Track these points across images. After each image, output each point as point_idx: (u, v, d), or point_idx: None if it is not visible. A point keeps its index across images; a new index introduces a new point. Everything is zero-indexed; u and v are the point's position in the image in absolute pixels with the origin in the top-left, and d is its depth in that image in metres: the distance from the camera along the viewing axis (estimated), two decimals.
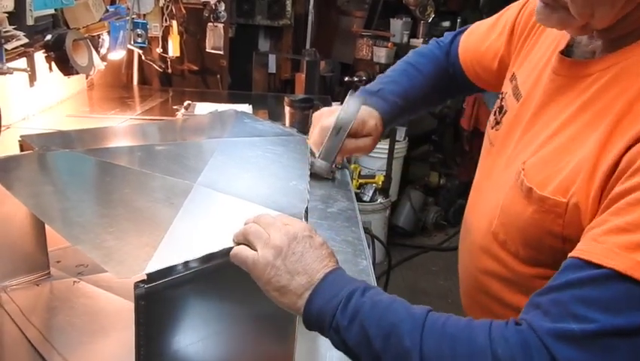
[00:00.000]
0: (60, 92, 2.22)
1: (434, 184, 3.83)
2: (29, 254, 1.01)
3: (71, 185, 0.93)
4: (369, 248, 1.33)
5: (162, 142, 1.15)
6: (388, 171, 3.32)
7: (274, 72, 3.33)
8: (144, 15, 2.36)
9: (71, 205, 0.83)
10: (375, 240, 2.49)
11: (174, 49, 2.58)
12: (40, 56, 1.66)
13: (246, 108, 2.20)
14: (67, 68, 1.66)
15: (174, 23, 2.55)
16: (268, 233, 0.69)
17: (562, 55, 0.78)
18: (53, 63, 1.65)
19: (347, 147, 0.95)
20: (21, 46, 1.44)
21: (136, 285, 0.65)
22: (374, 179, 3.29)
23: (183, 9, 2.60)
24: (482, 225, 0.86)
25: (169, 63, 2.66)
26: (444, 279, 3.29)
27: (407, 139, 3.52)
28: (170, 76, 2.76)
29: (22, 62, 1.57)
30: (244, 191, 0.91)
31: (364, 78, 3.35)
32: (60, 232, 0.75)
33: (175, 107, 2.27)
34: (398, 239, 3.58)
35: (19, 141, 1.04)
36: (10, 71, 1.42)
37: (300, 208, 0.84)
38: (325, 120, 0.97)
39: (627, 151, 0.60)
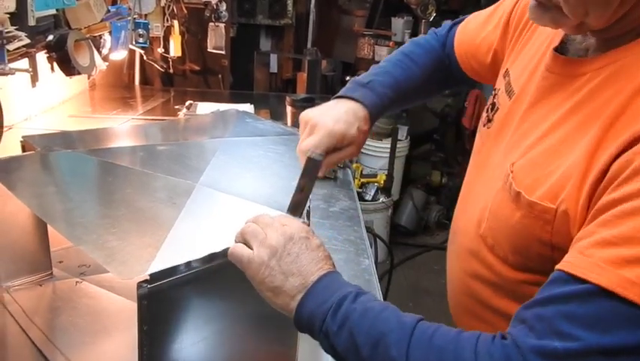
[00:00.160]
0: (62, 92, 2.23)
1: (436, 183, 3.83)
2: (32, 254, 1.01)
3: (73, 185, 0.93)
4: (371, 247, 1.33)
5: (164, 142, 1.15)
6: (390, 171, 3.31)
7: (276, 72, 3.33)
8: (145, 15, 2.36)
9: (73, 206, 0.83)
10: (377, 239, 2.49)
11: (176, 49, 2.59)
12: (42, 57, 1.66)
13: (248, 108, 2.20)
14: (69, 69, 1.66)
15: (176, 23, 2.55)
16: (265, 233, 0.69)
17: (555, 52, 0.74)
18: (55, 63, 1.66)
19: (331, 161, 0.89)
20: (23, 46, 1.45)
21: (139, 285, 0.65)
22: (376, 178, 3.29)
23: (184, 9, 2.60)
24: (471, 227, 0.83)
25: (170, 63, 2.67)
26: (446, 278, 3.28)
27: (409, 138, 3.52)
28: (171, 76, 2.77)
29: (24, 63, 1.57)
30: (246, 191, 0.91)
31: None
32: (62, 233, 0.75)
33: (177, 107, 2.27)
34: (400, 238, 3.58)
35: (21, 142, 1.04)
36: (12, 72, 1.42)
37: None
38: (304, 142, 0.87)
39: (616, 158, 0.57)
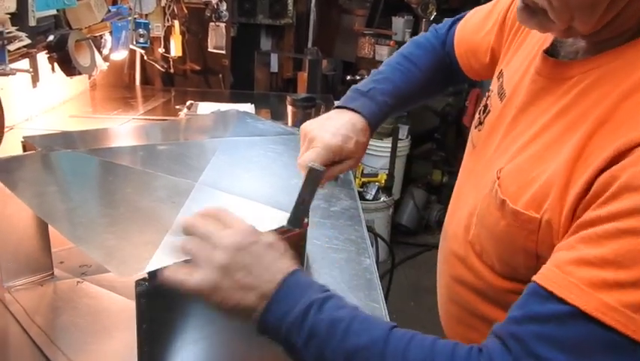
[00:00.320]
0: (63, 92, 2.23)
1: (437, 182, 3.83)
2: (33, 255, 1.02)
3: (74, 185, 0.93)
4: (372, 247, 1.33)
5: (164, 142, 1.15)
6: (391, 170, 3.31)
7: (276, 71, 3.33)
8: (146, 15, 2.37)
9: (74, 205, 0.83)
10: (378, 238, 2.49)
11: (176, 49, 2.59)
12: (42, 57, 1.66)
13: (249, 108, 2.20)
14: (69, 69, 1.67)
15: (176, 23, 2.55)
16: (210, 248, 0.64)
17: (546, 54, 0.72)
18: (56, 64, 1.66)
19: (330, 174, 0.88)
20: (23, 47, 1.45)
21: (137, 283, 0.65)
22: (377, 177, 3.29)
23: (185, 9, 2.60)
24: (459, 232, 0.81)
25: (171, 63, 2.67)
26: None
27: (410, 137, 3.52)
28: (172, 76, 2.77)
29: (24, 63, 1.57)
30: (245, 190, 0.91)
31: (366, 77, 3.34)
32: (62, 232, 0.75)
33: (177, 107, 2.27)
34: (401, 237, 3.57)
35: (22, 142, 1.04)
36: (12, 72, 1.42)
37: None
38: (302, 156, 0.86)
39: (601, 173, 0.55)
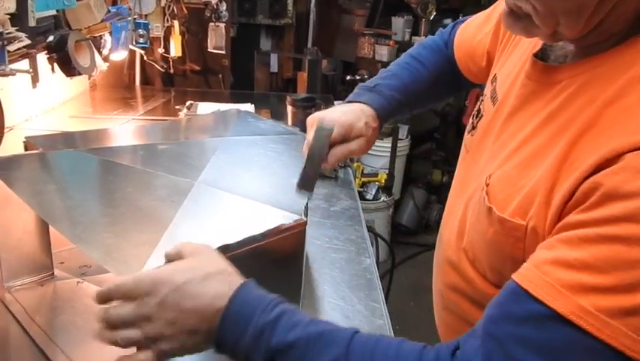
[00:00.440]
0: (63, 93, 2.23)
1: (437, 182, 3.83)
2: (33, 255, 1.02)
3: (74, 184, 0.93)
4: (372, 247, 1.33)
5: (164, 141, 1.15)
6: (391, 170, 3.32)
7: (276, 71, 3.33)
8: (146, 15, 2.37)
9: (74, 204, 0.83)
10: (378, 238, 2.49)
11: (176, 49, 2.59)
12: (42, 58, 1.66)
13: (249, 108, 2.19)
14: (69, 69, 1.67)
15: (176, 23, 2.55)
16: (137, 330, 0.61)
17: (535, 58, 0.70)
18: (56, 64, 1.66)
19: (338, 154, 0.88)
20: (23, 47, 1.45)
21: None
22: (377, 177, 3.29)
23: (185, 9, 2.60)
24: (453, 239, 0.80)
25: (171, 63, 2.67)
26: None
27: (410, 137, 3.52)
28: (172, 76, 2.77)
29: (24, 64, 1.57)
30: (246, 189, 0.91)
31: (366, 76, 3.35)
32: (62, 231, 0.75)
33: (177, 107, 2.27)
34: (401, 237, 3.57)
35: (24, 142, 1.05)
36: (12, 73, 1.42)
37: (301, 205, 0.84)
38: (310, 135, 0.88)
39: (585, 180, 0.54)
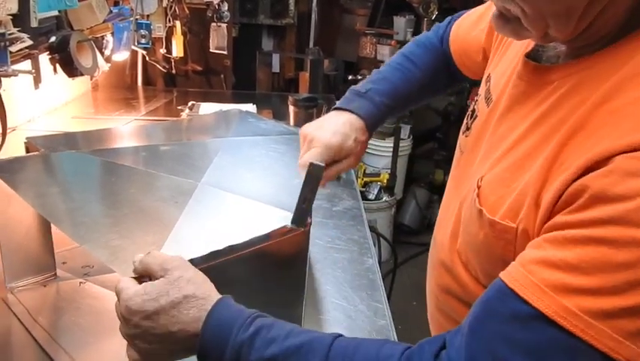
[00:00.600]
0: (65, 93, 2.23)
1: (439, 182, 3.82)
2: (36, 256, 1.02)
3: (77, 185, 0.93)
4: (374, 246, 1.33)
5: (166, 142, 1.15)
6: (393, 170, 3.31)
7: (278, 71, 3.34)
8: (148, 16, 2.37)
9: (77, 205, 0.83)
10: (380, 238, 2.49)
11: (178, 49, 2.59)
12: (44, 58, 1.66)
13: (250, 108, 2.19)
14: (71, 70, 1.67)
15: (178, 24, 2.55)
16: (131, 338, 0.65)
17: (528, 58, 0.69)
18: (58, 65, 1.66)
19: (330, 174, 0.88)
20: (25, 48, 1.45)
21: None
22: (379, 177, 3.29)
23: (187, 9, 2.60)
24: (446, 241, 0.79)
25: (173, 64, 2.67)
26: None
27: (412, 137, 3.52)
28: (174, 76, 2.77)
29: (26, 64, 1.57)
30: (248, 189, 0.91)
31: (368, 76, 3.35)
32: (66, 232, 0.75)
33: (179, 107, 2.27)
34: (404, 237, 3.57)
35: (25, 143, 1.05)
36: (14, 74, 1.42)
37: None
38: (303, 156, 0.87)
39: (574, 182, 0.53)
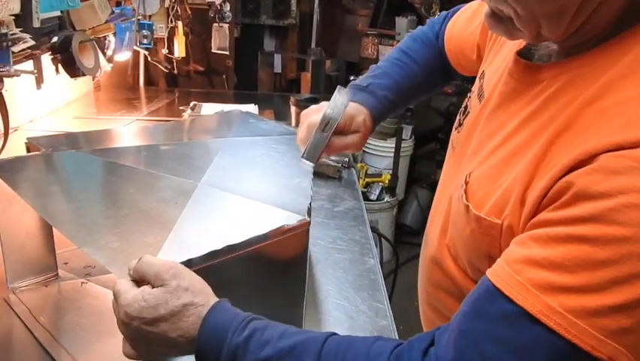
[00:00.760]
0: (67, 93, 2.24)
1: None
2: (37, 256, 1.02)
3: (77, 185, 0.93)
4: (376, 247, 1.33)
5: (167, 142, 1.15)
6: (395, 170, 3.31)
7: (280, 72, 3.34)
8: (150, 16, 2.37)
9: (77, 206, 0.83)
10: (382, 239, 2.49)
11: (180, 50, 2.59)
12: (46, 58, 1.66)
13: (252, 108, 2.19)
14: (73, 70, 1.67)
15: (180, 24, 2.56)
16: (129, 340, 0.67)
17: (519, 56, 0.70)
18: (60, 65, 1.66)
19: (335, 145, 0.88)
20: (27, 48, 1.45)
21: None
22: (381, 178, 3.29)
23: (188, 10, 2.60)
24: (437, 236, 0.80)
25: (175, 64, 2.67)
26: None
27: (413, 137, 3.51)
28: (176, 77, 2.77)
29: (28, 65, 1.57)
30: (249, 190, 0.91)
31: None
32: (66, 234, 0.75)
33: (181, 107, 2.27)
34: (405, 238, 3.57)
35: (25, 143, 1.05)
36: (17, 74, 1.43)
37: (304, 205, 0.84)
38: (313, 117, 0.89)
39: (559, 180, 0.54)
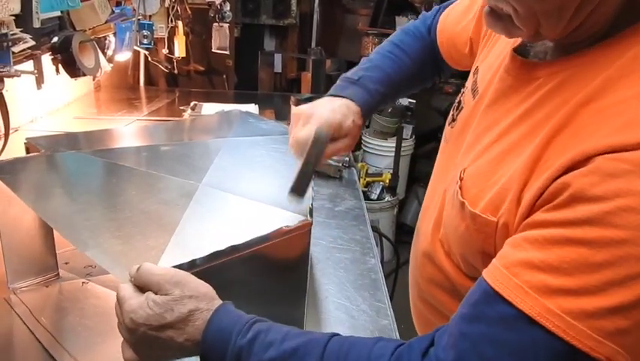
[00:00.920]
0: (67, 94, 2.24)
1: None
2: (38, 256, 1.02)
3: (77, 187, 0.93)
4: (377, 246, 1.33)
5: (167, 142, 1.15)
6: (395, 169, 3.31)
7: (280, 71, 3.34)
8: (150, 16, 2.37)
9: (78, 208, 0.83)
10: (383, 238, 2.48)
11: (180, 49, 2.59)
12: (47, 59, 1.66)
13: (253, 108, 2.19)
14: (73, 70, 1.67)
15: (180, 24, 2.55)
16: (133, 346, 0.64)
17: (515, 53, 0.69)
18: (60, 65, 1.66)
19: (328, 152, 0.87)
20: (28, 48, 1.45)
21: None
22: (381, 177, 3.29)
23: (189, 9, 2.60)
24: (429, 231, 0.80)
25: (175, 64, 2.67)
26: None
27: (414, 137, 3.51)
28: (176, 76, 2.77)
29: (29, 65, 1.57)
30: (250, 190, 0.91)
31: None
32: (68, 238, 0.75)
33: (181, 107, 2.27)
34: (406, 237, 3.57)
35: (25, 144, 1.05)
36: (17, 74, 1.42)
37: (306, 206, 0.84)
38: (300, 134, 0.85)
39: (555, 180, 0.53)
